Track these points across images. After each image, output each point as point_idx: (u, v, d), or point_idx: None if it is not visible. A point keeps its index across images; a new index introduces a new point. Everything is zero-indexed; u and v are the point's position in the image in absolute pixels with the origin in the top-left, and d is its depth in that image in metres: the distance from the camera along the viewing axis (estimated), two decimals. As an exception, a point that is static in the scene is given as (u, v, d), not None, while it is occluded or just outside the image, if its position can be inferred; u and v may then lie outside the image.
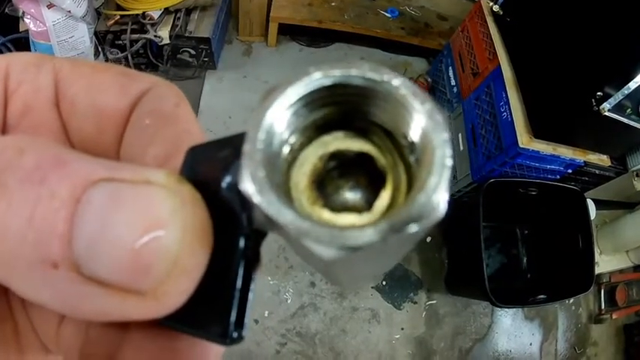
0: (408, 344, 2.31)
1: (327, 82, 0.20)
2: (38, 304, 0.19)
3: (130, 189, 0.19)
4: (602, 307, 2.63)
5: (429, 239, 2.54)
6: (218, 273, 0.21)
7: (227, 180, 0.21)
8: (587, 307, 2.68)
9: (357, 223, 0.20)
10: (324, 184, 0.22)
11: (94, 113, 0.27)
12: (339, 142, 0.22)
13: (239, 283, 0.21)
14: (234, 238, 0.21)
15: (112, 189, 0.18)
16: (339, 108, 0.21)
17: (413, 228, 0.17)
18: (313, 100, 0.20)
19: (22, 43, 2.42)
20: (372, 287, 2.38)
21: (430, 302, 2.43)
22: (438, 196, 0.18)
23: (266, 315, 2.21)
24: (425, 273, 2.49)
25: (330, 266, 0.18)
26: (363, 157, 0.22)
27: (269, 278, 2.27)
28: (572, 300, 2.63)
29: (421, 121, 0.19)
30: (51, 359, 0.28)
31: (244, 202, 0.20)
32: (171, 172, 0.20)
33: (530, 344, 2.52)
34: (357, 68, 0.20)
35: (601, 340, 2.67)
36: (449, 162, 0.18)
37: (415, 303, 2.41)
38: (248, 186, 0.18)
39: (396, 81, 0.19)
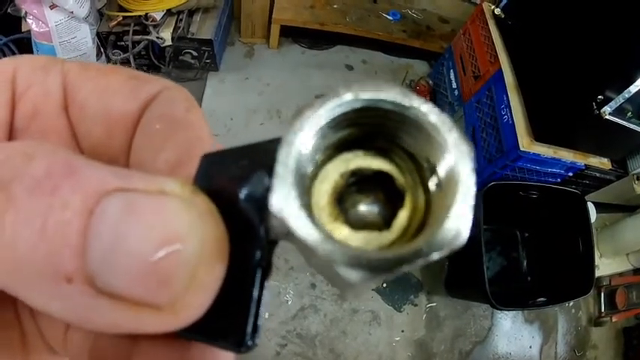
0: (408, 346, 2.31)
1: (357, 105, 0.20)
2: (47, 314, 0.19)
3: (145, 200, 0.18)
4: (602, 310, 2.62)
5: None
6: (234, 283, 0.21)
7: (244, 191, 0.21)
8: (587, 310, 2.68)
9: (381, 244, 0.21)
10: (344, 200, 0.22)
11: (103, 117, 0.27)
12: (360, 159, 0.22)
13: (256, 293, 0.21)
14: (251, 249, 0.21)
15: (126, 200, 0.18)
16: (364, 128, 0.21)
17: (436, 255, 0.18)
18: (342, 121, 0.20)
19: (25, 44, 2.42)
20: (373, 289, 2.38)
21: (430, 305, 2.43)
22: (463, 225, 0.18)
23: (266, 317, 2.21)
24: (425, 275, 2.49)
25: (352, 286, 0.19)
26: (382, 176, 0.22)
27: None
28: (572, 303, 2.62)
29: (448, 150, 0.19)
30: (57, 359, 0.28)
31: (262, 213, 0.20)
32: (186, 182, 0.20)
33: (530, 347, 2.52)
34: (387, 92, 0.20)
35: (601, 343, 2.67)
36: (473, 192, 0.19)
37: (415, 305, 2.41)
38: (279, 207, 0.18)
39: (425, 107, 0.20)
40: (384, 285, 2.40)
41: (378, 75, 3.11)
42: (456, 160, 0.19)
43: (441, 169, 0.20)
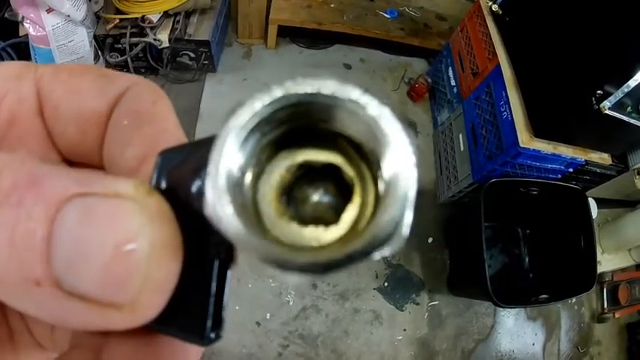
0: (410, 345, 2.31)
1: (292, 100, 0.20)
2: (28, 315, 0.20)
3: (101, 203, 0.19)
4: (605, 306, 2.62)
5: (430, 240, 2.53)
6: (193, 277, 0.21)
7: (197, 185, 0.21)
8: (589, 306, 2.68)
9: (329, 239, 0.20)
10: (292, 196, 0.22)
11: (75, 117, 0.27)
12: (307, 153, 0.22)
13: (214, 287, 0.22)
14: (207, 242, 0.21)
15: (83, 205, 0.19)
16: (307, 121, 0.21)
17: (375, 256, 0.18)
18: (278, 117, 0.20)
19: (22, 48, 2.42)
20: (374, 289, 2.38)
21: (432, 303, 2.42)
22: (401, 226, 0.18)
23: (268, 317, 2.21)
24: (427, 274, 2.48)
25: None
26: (330, 169, 0.22)
27: (270, 280, 2.27)
28: (574, 299, 2.62)
29: (388, 144, 0.19)
30: (46, 356, 0.29)
31: None
32: (141, 183, 0.20)
33: (533, 344, 2.51)
34: (321, 85, 0.20)
35: (604, 339, 2.67)
36: (412, 193, 0.18)
37: (417, 304, 2.41)
38: (212, 212, 0.19)
39: (363, 99, 0.19)
40: (386, 284, 2.40)
41: (377, 73, 3.10)
42: (396, 154, 0.19)
43: (384, 163, 0.19)
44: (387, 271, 2.44)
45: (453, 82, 2.65)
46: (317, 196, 0.23)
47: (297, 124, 0.21)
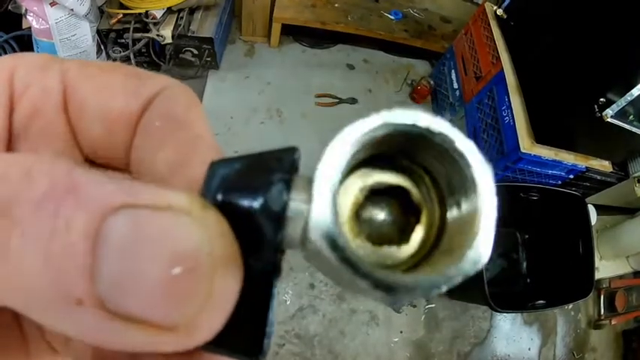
0: (406, 347, 2.31)
1: (387, 130, 0.20)
2: (61, 333, 0.18)
3: (153, 217, 0.17)
4: (602, 312, 2.62)
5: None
6: (249, 295, 0.21)
7: (260, 202, 0.21)
8: (586, 312, 2.68)
9: (400, 259, 0.22)
10: (362, 215, 0.23)
11: (103, 116, 0.26)
12: (378, 174, 0.23)
13: (271, 305, 0.21)
14: (264, 260, 0.21)
15: (133, 218, 0.17)
16: (385, 147, 0.22)
17: (459, 279, 0.19)
18: (372, 144, 0.21)
19: (25, 41, 2.42)
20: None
21: (429, 306, 2.42)
22: (484, 253, 0.19)
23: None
24: (424, 276, 2.48)
25: (368, 295, 0.19)
26: (399, 192, 0.23)
27: (268, 279, 2.26)
28: (571, 305, 2.62)
29: (473, 178, 0.20)
30: None
31: (278, 224, 0.20)
32: (194, 196, 0.19)
33: (529, 349, 2.51)
34: (419, 118, 0.20)
35: (600, 346, 2.67)
36: (494, 219, 0.20)
37: (414, 306, 2.41)
38: (322, 245, 0.18)
39: (453, 134, 0.20)
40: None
41: (379, 74, 3.10)
42: (480, 188, 0.20)
43: (464, 193, 0.20)
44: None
45: (455, 85, 2.65)
46: (386, 217, 0.23)
47: (378, 149, 0.21)
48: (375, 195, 0.23)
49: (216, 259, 0.18)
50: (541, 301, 2.24)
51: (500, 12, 2.35)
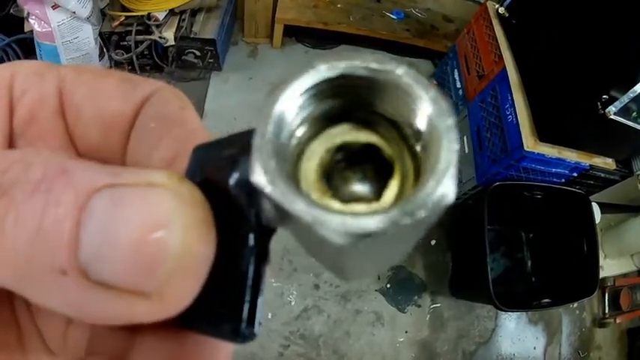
0: (411, 347, 2.31)
1: (332, 73, 0.20)
2: (49, 309, 0.20)
3: (131, 192, 0.19)
4: (606, 311, 2.61)
5: (433, 242, 2.53)
6: (228, 271, 0.21)
7: (234, 177, 0.21)
8: (591, 311, 2.67)
9: (368, 211, 0.20)
10: (333, 176, 0.22)
11: (98, 120, 0.27)
12: (345, 133, 0.22)
13: (250, 280, 0.21)
14: (243, 234, 0.21)
15: (114, 194, 0.18)
16: (345, 99, 0.21)
17: (422, 213, 0.17)
18: (319, 92, 0.20)
19: (27, 44, 2.43)
20: (376, 290, 2.38)
21: (434, 305, 2.42)
22: (447, 181, 0.18)
23: (269, 317, 2.21)
24: (429, 276, 2.48)
25: (340, 254, 0.18)
26: (369, 148, 0.22)
27: (272, 280, 2.27)
28: (576, 304, 2.61)
29: (426, 108, 0.19)
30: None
31: (252, 198, 0.20)
32: (173, 173, 0.20)
33: (534, 348, 2.51)
34: (361, 59, 0.20)
35: (605, 345, 2.66)
36: (455, 147, 0.18)
37: (419, 306, 2.40)
38: (260, 178, 0.18)
39: (400, 70, 0.19)
40: (388, 286, 2.39)
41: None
42: (435, 116, 0.19)
43: (423, 130, 0.20)
44: (389, 272, 2.44)
45: (458, 84, 2.65)
46: (356, 176, 0.22)
47: (337, 103, 0.21)
48: (349, 155, 0.22)
49: (187, 226, 0.19)
50: (546, 300, 2.24)
51: (502, 10, 2.34)
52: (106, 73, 0.28)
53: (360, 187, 0.22)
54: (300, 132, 0.21)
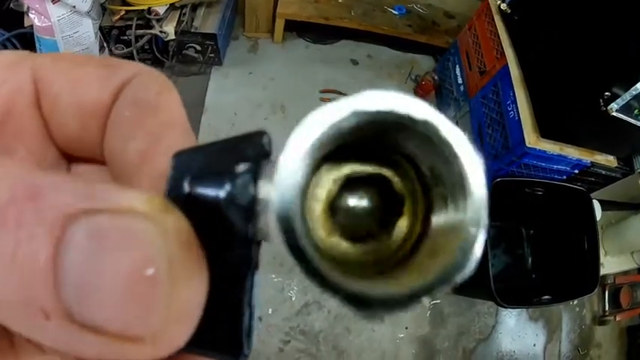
0: (411, 343, 2.31)
1: (363, 117, 0.18)
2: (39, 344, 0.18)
3: (111, 222, 0.17)
4: (606, 308, 2.61)
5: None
6: (223, 291, 0.20)
7: (226, 193, 0.19)
8: (591, 308, 2.67)
9: (381, 256, 0.19)
10: (338, 209, 0.21)
11: (76, 109, 0.26)
12: (353, 164, 0.21)
13: (246, 299, 0.20)
14: (236, 254, 0.20)
15: (92, 224, 0.17)
16: (361, 135, 0.19)
17: (445, 288, 0.17)
18: (342, 134, 0.18)
19: (27, 39, 2.41)
20: (376, 286, 2.37)
21: (434, 302, 2.41)
22: (469, 264, 0.17)
23: (270, 312, 2.21)
24: (429, 272, 2.47)
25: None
26: (379, 181, 0.21)
27: (273, 276, 2.26)
28: (576, 301, 2.61)
29: (458, 163, 0.18)
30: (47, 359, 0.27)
31: (248, 215, 0.19)
32: (155, 197, 0.18)
33: (534, 345, 2.51)
34: (400, 105, 0.17)
35: (604, 342, 2.66)
36: (486, 211, 0.17)
37: (419, 302, 2.40)
38: (276, 230, 0.17)
39: (436, 120, 0.18)
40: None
41: (383, 70, 3.09)
42: (469, 187, 0.17)
43: (451, 188, 0.18)
44: (390, 268, 2.43)
45: (459, 80, 2.64)
46: (364, 210, 0.21)
47: (353, 137, 0.19)
48: (356, 187, 0.21)
49: (176, 267, 0.17)
50: (546, 297, 2.24)
51: (504, 6, 2.33)
52: (85, 59, 0.27)
53: (368, 223, 0.21)
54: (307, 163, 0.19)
